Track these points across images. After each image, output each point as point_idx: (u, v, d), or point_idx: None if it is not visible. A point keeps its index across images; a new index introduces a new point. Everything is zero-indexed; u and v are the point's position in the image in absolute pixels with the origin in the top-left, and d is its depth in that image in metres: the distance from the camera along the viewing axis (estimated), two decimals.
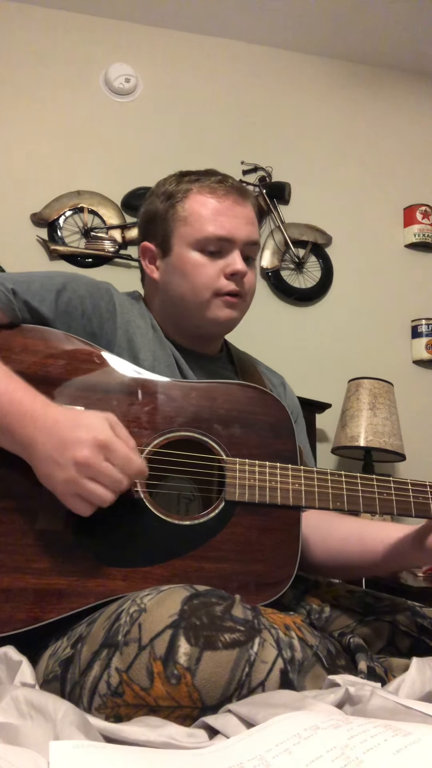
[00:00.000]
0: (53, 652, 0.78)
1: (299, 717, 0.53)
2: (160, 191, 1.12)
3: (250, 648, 0.65)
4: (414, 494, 0.93)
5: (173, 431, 0.92)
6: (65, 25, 2.57)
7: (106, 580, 0.82)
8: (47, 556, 0.82)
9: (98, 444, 0.78)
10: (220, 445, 0.93)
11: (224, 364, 1.18)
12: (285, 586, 0.88)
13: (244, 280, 1.08)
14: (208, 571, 0.85)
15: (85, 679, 0.67)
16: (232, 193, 1.08)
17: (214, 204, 1.06)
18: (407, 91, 2.89)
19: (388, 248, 2.77)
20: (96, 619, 0.75)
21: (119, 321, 1.03)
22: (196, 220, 1.05)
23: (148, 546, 0.86)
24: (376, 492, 0.93)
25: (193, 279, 1.05)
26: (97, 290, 1.03)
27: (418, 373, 2.68)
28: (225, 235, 1.05)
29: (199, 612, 0.66)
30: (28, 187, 2.43)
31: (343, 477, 0.94)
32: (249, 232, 1.08)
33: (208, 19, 2.63)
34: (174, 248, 1.07)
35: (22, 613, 0.79)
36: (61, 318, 0.97)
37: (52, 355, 0.92)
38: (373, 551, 1.00)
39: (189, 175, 1.11)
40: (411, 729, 0.49)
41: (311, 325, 2.62)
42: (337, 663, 0.74)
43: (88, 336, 0.98)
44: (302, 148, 2.74)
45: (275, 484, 0.91)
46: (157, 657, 0.63)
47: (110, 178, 2.50)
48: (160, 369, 1.01)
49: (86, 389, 0.91)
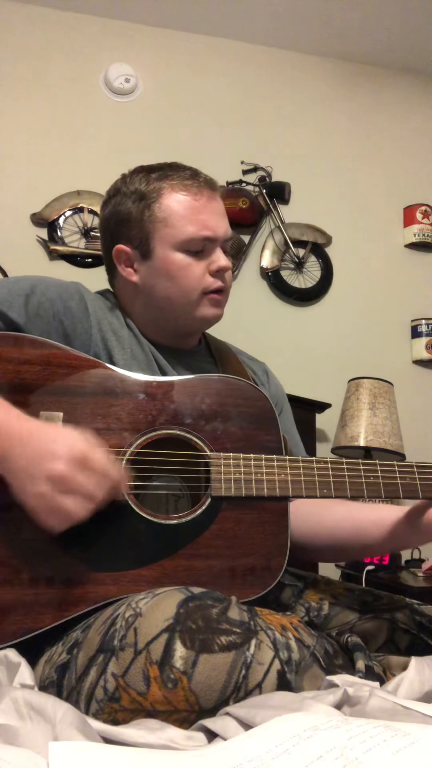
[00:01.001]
0: (49, 658, 0.77)
1: (298, 718, 0.53)
2: (128, 190, 1.08)
3: (246, 650, 0.65)
4: (401, 476, 0.92)
5: (155, 430, 0.91)
6: (65, 25, 2.57)
7: (96, 586, 0.82)
8: (35, 566, 0.81)
9: (74, 457, 0.76)
10: (203, 441, 0.92)
11: (203, 357, 1.16)
12: (276, 578, 0.88)
13: (225, 275, 1.07)
14: (198, 569, 0.85)
15: (82, 684, 0.67)
16: (205, 189, 1.06)
17: (191, 202, 1.04)
18: (407, 91, 2.89)
19: (388, 248, 2.77)
20: (91, 624, 0.74)
21: (92, 320, 1.01)
22: (177, 220, 1.03)
23: (136, 548, 0.85)
24: (363, 476, 0.92)
25: (181, 280, 1.04)
26: (67, 291, 1.01)
27: (418, 373, 2.68)
28: (209, 235, 1.03)
29: (194, 615, 0.66)
30: (28, 187, 2.44)
31: (329, 464, 0.93)
32: (226, 226, 1.07)
33: (208, 19, 2.63)
34: (156, 251, 1.04)
35: (13, 625, 0.79)
36: (33, 322, 0.95)
37: (26, 361, 0.89)
38: (367, 533, 1.00)
39: (155, 171, 1.08)
40: (410, 729, 0.49)
41: (311, 325, 2.62)
42: (334, 663, 0.74)
43: (61, 338, 0.96)
44: (302, 148, 2.74)
45: (261, 476, 0.90)
46: (154, 661, 0.63)
47: (110, 178, 2.48)
48: (139, 367, 0.99)
49: (64, 393, 0.89)
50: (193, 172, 1.08)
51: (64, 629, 0.80)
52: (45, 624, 0.80)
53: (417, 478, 0.92)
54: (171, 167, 1.09)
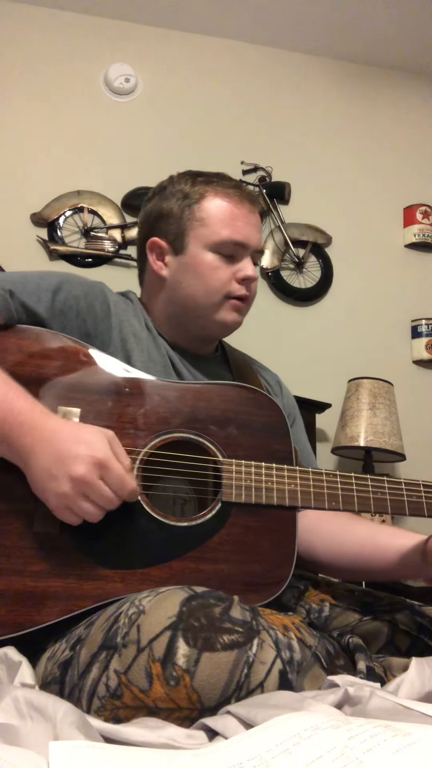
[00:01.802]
0: (51, 655, 0.78)
1: (299, 717, 0.53)
2: (174, 189, 1.12)
3: (248, 649, 0.65)
4: (408, 493, 0.94)
5: (169, 432, 0.92)
6: (65, 25, 2.57)
7: (104, 583, 0.82)
8: (44, 559, 0.82)
9: (95, 462, 0.79)
10: (216, 446, 0.93)
11: (219, 364, 1.19)
12: (282, 587, 0.88)
13: (251, 285, 1.10)
14: (205, 572, 0.85)
15: (84, 681, 0.67)
16: (246, 201, 1.10)
17: (231, 209, 1.08)
18: (407, 91, 2.89)
19: (388, 248, 2.76)
20: (94, 621, 0.75)
21: (113, 321, 1.03)
22: (215, 222, 1.07)
23: (145, 547, 0.86)
24: (371, 491, 0.94)
25: (207, 280, 1.07)
26: (92, 290, 1.03)
27: (418, 373, 2.68)
28: (241, 240, 1.07)
29: (197, 613, 0.66)
30: (28, 187, 2.43)
31: (338, 477, 0.95)
32: (259, 239, 1.11)
33: (208, 19, 2.63)
34: (189, 247, 1.08)
35: (20, 617, 0.79)
36: (57, 318, 0.97)
37: (47, 356, 0.91)
38: (388, 559, 1.01)
39: (202, 176, 1.12)
40: (411, 729, 0.49)
41: (311, 325, 2.62)
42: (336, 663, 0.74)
43: (82, 336, 0.97)
44: (302, 148, 2.74)
45: (271, 485, 0.92)
46: (156, 659, 0.63)
47: (110, 178, 2.50)
48: (155, 369, 1.01)
49: (82, 390, 0.91)
50: (237, 184, 1.13)
51: (67, 626, 0.80)
52: (52, 617, 0.80)
53: (423, 497, 0.94)
54: (218, 175, 1.13)
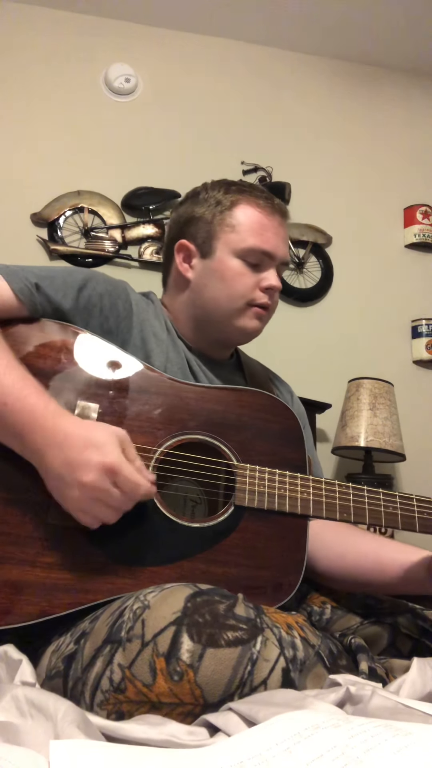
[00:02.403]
0: (56, 648, 0.78)
1: (300, 716, 0.53)
2: (207, 195, 1.14)
3: (252, 646, 0.65)
4: (419, 510, 0.94)
5: (185, 434, 0.92)
6: (65, 25, 2.57)
7: (115, 578, 0.83)
8: (57, 551, 0.83)
9: (105, 469, 0.78)
10: (231, 450, 0.93)
11: (234, 370, 1.20)
12: (290, 594, 0.89)
13: (273, 296, 1.12)
14: (215, 575, 0.86)
15: (88, 675, 0.68)
16: (277, 213, 1.12)
17: (262, 219, 1.10)
18: (407, 91, 2.89)
19: (388, 248, 2.76)
20: (99, 616, 0.75)
21: (135, 320, 1.04)
22: (244, 230, 1.08)
23: (157, 546, 0.86)
24: (382, 505, 0.94)
25: (232, 286, 1.08)
26: (115, 289, 1.05)
27: (418, 373, 2.68)
28: (269, 250, 1.08)
29: (202, 610, 0.66)
30: (28, 187, 2.43)
31: (351, 489, 0.95)
32: (286, 252, 1.12)
33: (208, 19, 2.63)
34: (216, 252, 1.09)
35: (31, 606, 0.80)
36: (81, 314, 0.98)
37: (69, 351, 0.93)
38: (390, 573, 1.01)
39: (236, 185, 1.15)
40: (411, 729, 0.49)
41: (311, 325, 2.62)
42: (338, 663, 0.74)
43: (104, 333, 0.99)
44: (302, 148, 2.74)
45: (284, 492, 0.92)
46: (160, 653, 0.63)
47: (110, 178, 2.50)
48: (173, 371, 1.02)
49: (102, 386, 0.92)
50: (269, 196, 1.15)
51: (72, 620, 0.81)
52: (61, 609, 0.80)
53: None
54: (251, 186, 1.16)
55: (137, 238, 2.46)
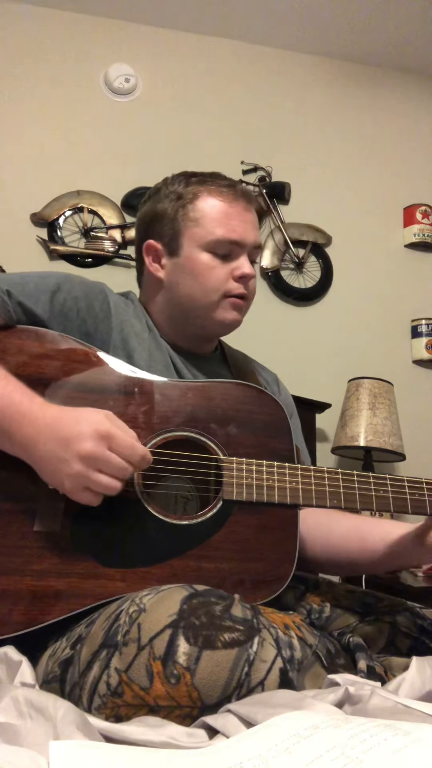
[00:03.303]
0: (52, 653, 0.78)
1: (299, 717, 0.53)
2: (167, 191, 1.12)
3: (249, 647, 0.65)
4: (410, 491, 0.93)
5: (170, 431, 0.92)
6: (65, 25, 2.57)
7: (105, 581, 0.82)
8: (45, 558, 0.82)
9: (100, 435, 0.79)
10: (217, 445, 0.93)
11: (219, 363, 1.19)
12: (283, 585, 0.88)
13: (249, 283, 1.09)
14: (206, 571, 0.85)
15: (85, 679, 0.67)
16: (241, 198, 1.09)
17: (225, 208, 1.07)
18: (407, 91, 2.89)
19: (388, 248, 2.76)
20: (95, 620, 0.75)
21: (114, 321, 1.03)
22: (208, 222, 1.06)
23: (146, 546, 0.86)
24: (373, 489, 0.93)
25: (204, 280, 1.06)
26: (92, 290, 1.04)
27: (418, 373, 2.68)
28: (236, 239, 1.07)
29: (198, 611, 0.66)
30: (28, 187, 2.43)
31: (340, 475, 0.94)
32: (255, 236, 1.10)
33: (208, 19, 2.63)
34: (184, 248, 1.08)
35: (21, 615, 0.79)
36: (56, 319, 0.97)
37: (47, 356, 0.92)
38: (374, 549, 1.00)
39: (196, 176, 1.12)
40: (411, 728, 0.49)
41: (311, 325, 2.62)
42: (336, 662, 0.74)
43: (83, 336, 0.98)
44: (302, 148, 2.74)
45: (272, 483, 0.91)
46: (157, 657, 0.63)
47: (110, 178, 2.50)
48: (157, 369, 1.01)
49: (82, 390, 0.91)
50: (231, 182, 1.12)
51: (68, 624, 0.80)
52: (53, 616, 0.80)
53: (426, 494, 0.93)
54: (212, 175, 1.13)
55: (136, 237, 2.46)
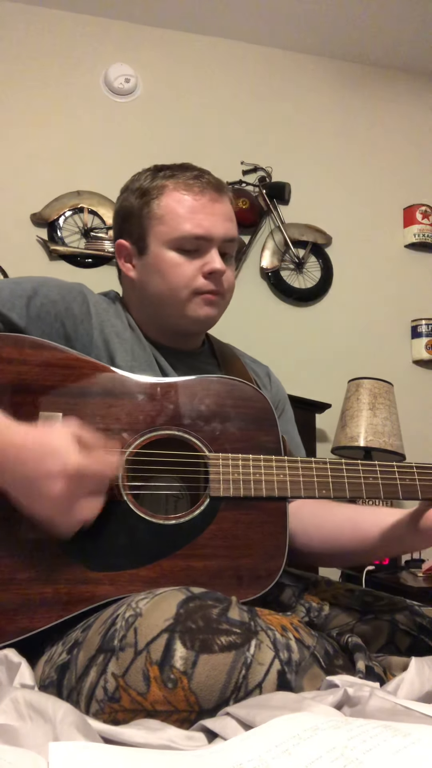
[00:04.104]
0: (49, 658, 0.77)
1: (298, 718, 0.53)
2: (134, 187, 1.08)
3: (246, 650, 0.65)
4: (400, 477, 0.92)
5: (154, 431, 0.91)
6: (65, 25, 2.57)
7: (93, 586, 0.82)
8: (32, 566, 0.82)
9: (69, 476, 0.77)
10: (202, 442, 0.91)
11: (206, 359, 1.16)
12: (275, 578, 0.88)
13: (222, 279, 1.05)
14: (195, 569, 0.85)
15: (82, 684, 0.67)
16: (208, 190, 1.05)
17: (191, 202, 1.03)
18: (407, 91, 2.89)
19: (388, 248, 2.76)
20: (91, 624, 0.74)
21: (94, 322, 1.00)
22: (173, 218, 1.03)
23: (133, 548, 0.85)
24: (362, 477, 0.92)
25: (171, 279, 1.03)
26: (69, 293, 1.01)
27: (418, 373, 2.68)
28: (202, 234, 1.02)
29: (194, 615, 0.66)
30: (28, 187, 2.43)
31: (328, 464, 0.93)
32: (226, 229, 1.05)
33: (208, 19, 2.63)
34: (150, 247, 1.05)
35: (11, 625, 0.79)
36: (34, 324, 0.95)
37: (26, 362, 0.90)
38: (368, 537, 0.99)
39: (164, 170, 1.08)
40: (410, 729, 0.49)
41: (311, 325, 2.62)
42: (334, 663, 0.74)
43: (62, 340, 0.96)
44: (302, 148, 2.74)
45: (259, 477, 0.90)
46: (154, 661, 0.63)
47: (110, 178, 2.49)
48: (140, 368, 0.99)
49: (64, 394, 0.89)
50: (199, 173, 1.07)
51: (64, 629, 0.80)
52: (44, 623, 0.80)
53: (417, 479, 0.92)
54: (180, 167, 1.08)
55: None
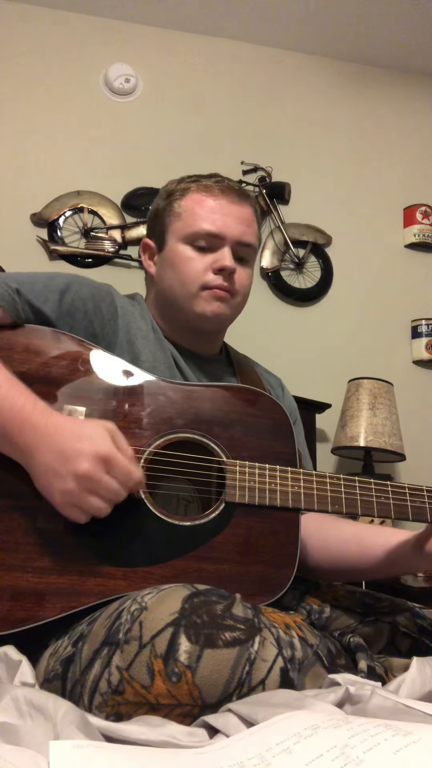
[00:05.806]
0: (54, 651, 0.78)
1: (299, 716, 0.53)
2: (164, 191, 1.15)
3: (250, 646, 0.65)
4: (411, 498, 0.94)
5: (174, 433, 0.92)
6: (65, 25, 2.57)
7: (107, 580, 0.83)
8: (48, 555, 0.83)
9: (100, 458, 0.79)
10: (220, 447, 0.93)
11: (223, 366, 1.19)
12: (284, 588, 0.89)
13: (234, 278, 1.08)
14: (207, 572, 0.86)
15: (86, 677, 0.67)
16: (228, 193, 1.10)
17: (210, 202, 1.09)
18: (407, 91, 2.89)
19: (388, 248, 2.76)
20: (97, 618, 0.75)
21: (120, 323, 1.04)
22: (190, 215, 1.08)
23: (148, 546, 0.86)
24: (374, 495, 0.94)
25: (182, 272, 1.07)
26: (99, 292, 1.05)
27: (418, 373, 2.68)
28: (214, 231, 1.07)
29: (199, 610, 0.66)
30: (28, 187, 2.43)
31: (342, 480, 0.95)
32: (241, 231, 1.09)
33: (208, 19, 2.63)
34: (168, 243, 1.10)
35: (22, 612, 0.80)
36: (64, 319, 0.98)
37: (53, 356, 0.92)
38: (373, 555, 1.01)
39: (192, 176, 1.14)
40: (411, 728, 0.49)
41: (311, 325, 2.62)
42: (337, 662, 0.74)
43: (89, 337, 0.98)
44: (302, 148, 2.74)
45: (275, 487, 0.92)
46: (158, 655, 0.63)
47: (110, 178, 2.50)
48: (160, 370, 1.01)
49: (87, 390, 0.91)
50: (223, 179, 1.13)
51: (70, 623, 0.80)
52: (54, 613, 0.80)
53: (426, 502, 0.94)
54: (210, 176, 1.14)
55: (137, 238, 2.46)
